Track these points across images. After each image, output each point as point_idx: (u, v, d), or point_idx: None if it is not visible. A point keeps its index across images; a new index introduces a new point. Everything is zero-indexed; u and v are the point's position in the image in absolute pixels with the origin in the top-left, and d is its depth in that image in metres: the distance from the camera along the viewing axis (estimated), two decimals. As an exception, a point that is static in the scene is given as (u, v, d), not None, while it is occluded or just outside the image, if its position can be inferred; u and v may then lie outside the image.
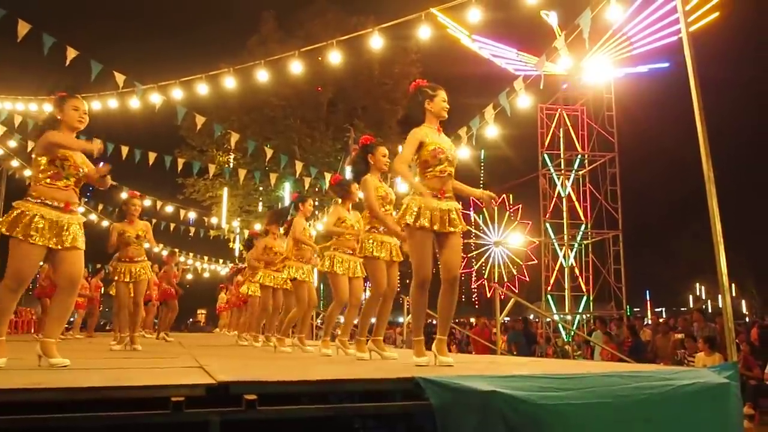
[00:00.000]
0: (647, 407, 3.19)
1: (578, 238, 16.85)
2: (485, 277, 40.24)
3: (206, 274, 27.17)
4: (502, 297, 7.25)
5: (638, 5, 14.13)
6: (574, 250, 17.01)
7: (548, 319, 16.02)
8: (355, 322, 5.66)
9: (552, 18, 14.06)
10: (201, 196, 20.97)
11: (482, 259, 40.51)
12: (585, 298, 16.70)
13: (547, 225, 17.36)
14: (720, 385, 3.49)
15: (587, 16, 4.96)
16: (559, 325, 16.14)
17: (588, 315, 16.71)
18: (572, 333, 15.26)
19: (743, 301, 45.16)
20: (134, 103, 8.74)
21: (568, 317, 16.98)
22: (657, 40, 15.28)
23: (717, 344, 10.81)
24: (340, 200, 5.78)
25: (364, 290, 5.84)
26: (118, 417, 2.59)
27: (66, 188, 3.85)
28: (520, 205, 38.62)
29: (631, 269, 17.07)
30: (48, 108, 10.21)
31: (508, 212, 39.49)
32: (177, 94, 9.12)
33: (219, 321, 19.73)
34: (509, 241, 38.01)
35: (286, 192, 18.42)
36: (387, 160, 5.02)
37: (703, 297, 51.06)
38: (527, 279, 36.89)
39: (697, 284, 50.51)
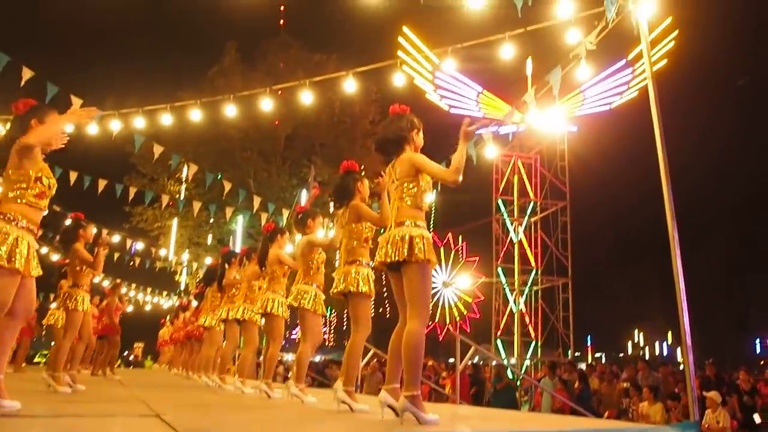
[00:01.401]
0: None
1: (529, 284, 17.10)
2: (436, 320, 40.18)
3: (148, 307, 26.29)
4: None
5: (600, 69, 14.59)
6: (525, 295, 17.22)
7: (495, 363, 16.13)
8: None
9: (527, 65, 14.18)
10: (149, 226, 20.41)
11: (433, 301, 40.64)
12: (533, 343, 16.87)
13: (500, 269, 17.57)
14: (686, 446, 3.53)
15: (557, 74, 5.07)
16: (509, 371, 16.20)
17: (535, 360, 16.85)
18: (520, 378, 15.37)
19: (678, 349, 46.30)
20: (92, 129, 8.43)
21: (514, 362, 17.07)
22: (605, 104, 15.89)
23: (660, 393, 11.03)
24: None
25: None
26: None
27: (43, 209, 3.59)
28: (465, 243, 39.00)
29: (575, 315, 17.36)
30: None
31: (453, 251, 39.79)
32: (139, 123, 8.83)
33: (160, 356, 19.01)
34: (458, 282, 38.19)
35: (239, 226, 18.11)
36: (368, 192, 4.93)
37: (642, 343, 52.39)
38: (478, 316, 37.02)
39: (636, 330, 51.57)
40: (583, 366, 16.96)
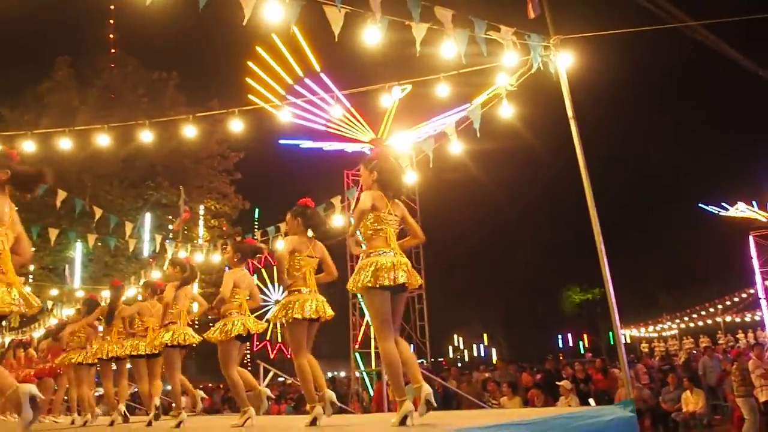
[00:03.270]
0: (588, 441, 3.87)
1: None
2: (268, 339, 39.89)
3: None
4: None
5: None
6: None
7: (357, 375, 16.83)
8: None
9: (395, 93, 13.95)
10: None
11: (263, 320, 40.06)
12: (389, 353, 17.61)
13: (354, 285, 18.14)
14: (629, 417, 4.35)
15: (477, 111, 5.78)
16: (367, 382, 16.92)
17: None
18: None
19: (493, 349, 50.23)
20: None
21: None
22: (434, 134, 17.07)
23: (520, 389, 12.37)
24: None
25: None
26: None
27: None
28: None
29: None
30: None
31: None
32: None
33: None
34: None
35: (78, 252, 16.76)
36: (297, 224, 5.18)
37: (461, 347, 56.10)
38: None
39: (456, 336, 54.79)
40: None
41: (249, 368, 9.70)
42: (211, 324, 6.02)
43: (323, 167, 20.58)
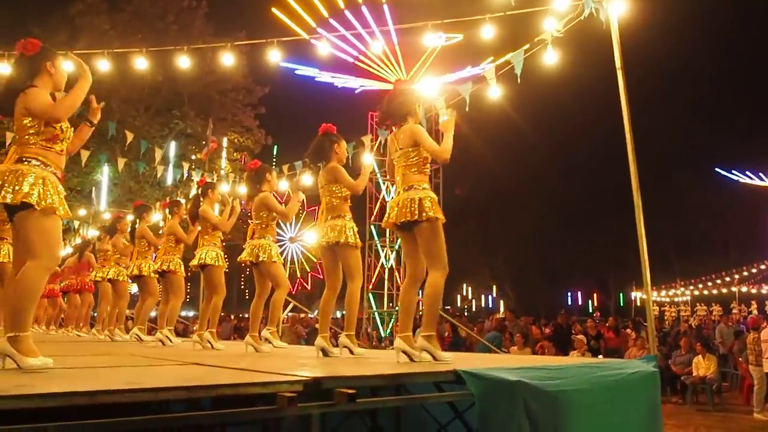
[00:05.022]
0: (609, 392, 3.92)
1: (398, 241, 17.94)
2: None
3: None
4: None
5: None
6: (395, 252, 18.12)
7: (367, 316, 17.13)
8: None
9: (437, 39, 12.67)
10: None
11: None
12: (403, 296, 17.81)
13: (372, 227, 18.21)
14: (652, 373, 4.37)
15: (520, 56, 5.64)
16: (378, 322, 17.26)
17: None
18: (390, 327, 16.64)
19: (501, 302, 50.53)
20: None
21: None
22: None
23: (530, 340, 12.50)
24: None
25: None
26: (231, 414, 2.58)
27: (61, 154, 3.26)
28: (316, 207, 39.17)
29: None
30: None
31: (304, 212, 40.03)
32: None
33: None
34: (305, 239, 38.53)
35: (104, 176, 16.93)
36: (346, 153, 5.12)
37: (470, 297, 56.57)
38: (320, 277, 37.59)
39: (464, 285, 55.13)
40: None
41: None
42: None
43: (348, 107, 20.37)
